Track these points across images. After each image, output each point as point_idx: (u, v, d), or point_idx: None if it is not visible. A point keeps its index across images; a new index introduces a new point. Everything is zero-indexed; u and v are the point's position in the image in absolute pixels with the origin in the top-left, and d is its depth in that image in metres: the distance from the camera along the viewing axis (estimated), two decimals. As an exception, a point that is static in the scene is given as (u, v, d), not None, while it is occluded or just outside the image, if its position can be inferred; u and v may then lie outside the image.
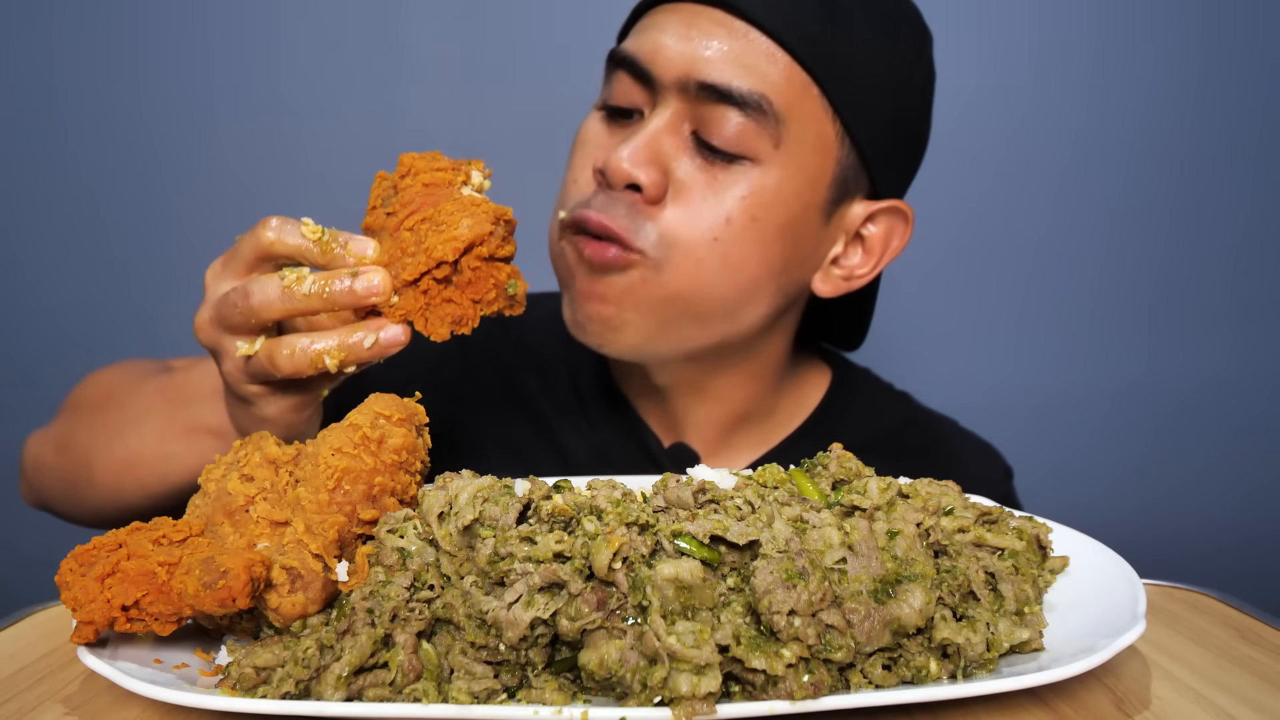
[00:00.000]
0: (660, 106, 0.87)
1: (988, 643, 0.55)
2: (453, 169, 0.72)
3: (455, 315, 0.68)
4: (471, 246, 0.66)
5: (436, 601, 0.56)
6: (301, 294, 0.67)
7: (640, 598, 0.51)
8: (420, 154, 0.73)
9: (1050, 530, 0.64)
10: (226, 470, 0.63)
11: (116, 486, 0.89)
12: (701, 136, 0.86)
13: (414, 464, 0.64)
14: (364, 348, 0.67)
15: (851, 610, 0.53)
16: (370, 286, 0.66)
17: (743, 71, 0.84)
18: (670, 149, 0.87)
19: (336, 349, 0.67)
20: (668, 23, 0.88)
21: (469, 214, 0.67)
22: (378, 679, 0.53)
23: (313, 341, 0.67)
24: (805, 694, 0.50)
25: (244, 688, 0.54)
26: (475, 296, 0.68)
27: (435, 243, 0.66)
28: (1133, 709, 0.54)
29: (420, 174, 0.71)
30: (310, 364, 0.67)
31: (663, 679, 0.49)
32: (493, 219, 0.67)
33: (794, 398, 1.07)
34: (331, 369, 0.68)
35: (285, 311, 0.67)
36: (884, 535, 0.57)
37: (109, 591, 0.55)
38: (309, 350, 0.67)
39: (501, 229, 0.68)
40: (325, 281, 0.67)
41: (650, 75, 0.87)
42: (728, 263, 0.87)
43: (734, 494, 0.59)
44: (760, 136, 0.86)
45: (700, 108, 0.86)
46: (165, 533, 0.58)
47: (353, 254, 0.68)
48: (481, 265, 0.67)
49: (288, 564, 0.56)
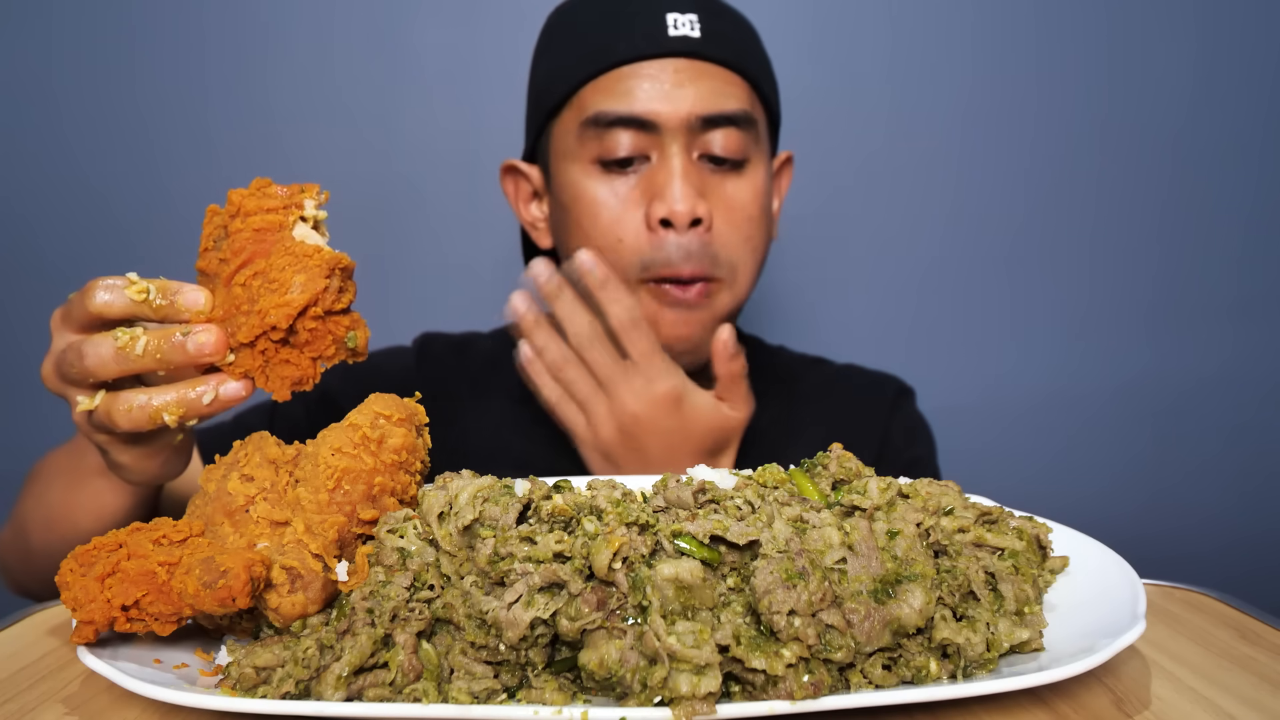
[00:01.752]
0: (669, 146, 1.04)
1: (988, 643, 0.55)
2: (283, 207, 0.67)
3: (295, 376, 0.66)
4: (306, 309, 0.63)
5: (436, 601, 0.56)
6: (135, 354, 0.64)
7: (640, 598, 0.51)
8: (249, 189, 0.68)
9: (1050, 530, 0.64)
10: (226, 470, 0.63)
11: (45, 548, 0.89)
12: (710, 155, 1.05)
13: (414, 464, 0.64)
14: (203, 403, 0.65)
15: (851, 610, 0.53)
16: (201, 347, 0.64)
17: (726, 97, 1.05)
18: (697, 178, 1.04)
19: (175, 404, 0.65)
20: (645, 79, 1.03)
21: (302, 269, 0.63)
22: (378, 679, 0.53)
23: (150, 397, 0.65)
24: (805, 694, 0.50)
25: (244, 688, 0.54)
26: (314, 354, 0.66)
27: (268, 306, 0.63)
28: (1133, 709, 0.54)
29: (250, 215, 0.67)
30: (149, 420, 0.65)
31: (663, 679, 0.49)
32: (326, 271, 0.64)
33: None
34: (171, 424, 0.65)
35: (121, 372, 0.65)
36: (884, 535, 0.57)
37: (109, 591, 0.55)
38: (147, 406, 0.65)
39: (337, 279, 0.65)
40: (159, 341, 0.64)
41: (655, 124, 1.03)
42: (757, 254, 1.10)
43: (734, 494, 0.59)
44: (749, 140, 1.07)
45: (700, 136, 1.04)
46: (165, 533, 0.58)
47: (184, 308, 0.65)
48: (318, 324, 0.64)
49: (288, 564, 0.56)
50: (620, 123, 1.03)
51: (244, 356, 0.65)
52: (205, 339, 0.64)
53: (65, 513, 0.87)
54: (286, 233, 0.66)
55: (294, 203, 0.68)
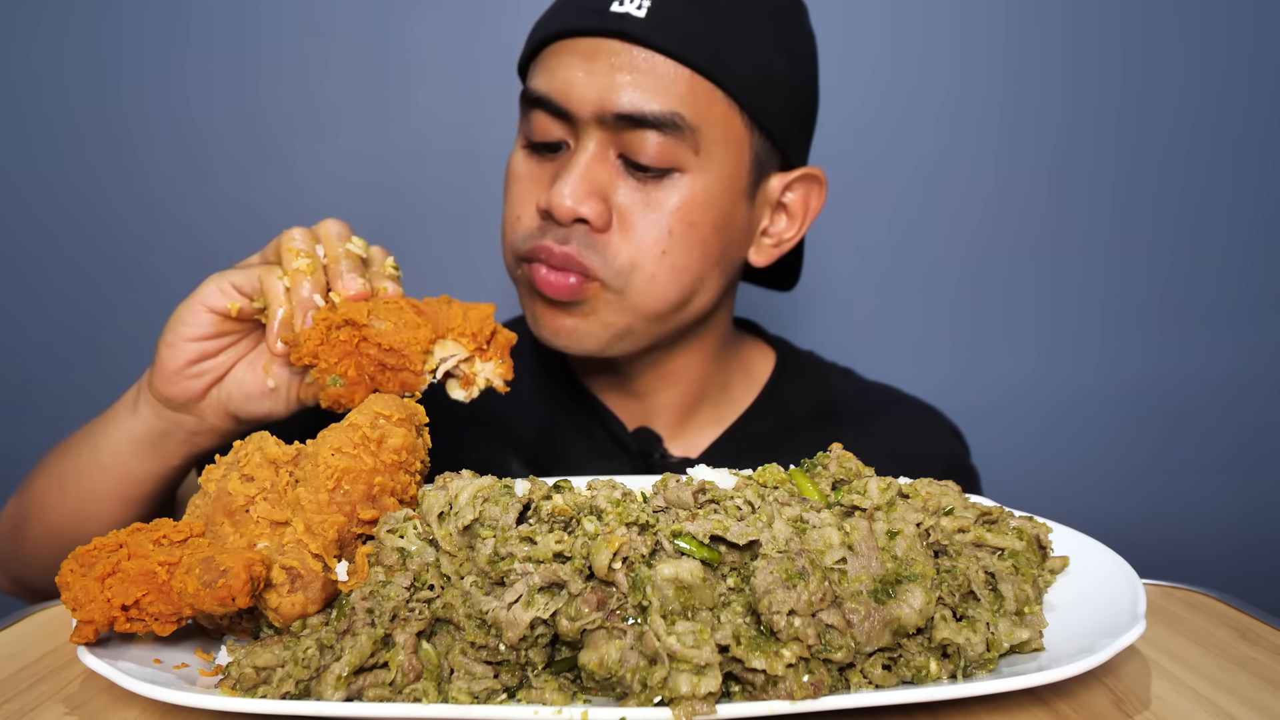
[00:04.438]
0: (584, 139, 0.93)
1: (988, 643, 0.55)
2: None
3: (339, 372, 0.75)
4: (382, 344, 0.74)
5: (436, 601, 0.56)
6: (313, 260, 0.78)
7: (640, 598, 0.51)
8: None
9: (1050, 530, 0.64)
10: (226, 470, 0.63)
11: (55, 519, 0.90)
12: (629, 158, 0.92)
13: (414, 464, 0.64)
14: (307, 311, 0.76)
15: (851, 610, 0.53)
16: (349, 285, 0.77)
17: (652, 95, 0.90)
18: (605, 177, 0.93)
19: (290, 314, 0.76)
20: (571, 60, 0.93)
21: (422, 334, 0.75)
22: (378, 679, 0.53)
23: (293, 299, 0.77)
24: (805, 694, 0.50)
25: (244, 688, 0.54)
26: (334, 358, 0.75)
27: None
28: (1133, 709, 0.54)
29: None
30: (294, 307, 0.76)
31: (663, 679, 0.49)
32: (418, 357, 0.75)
33: (744, 376, 1.15)
34: (268, 316, 0.77)
35: (299, 253, 0.78)
36: (884, 535, 0.57)
37: (109, 591, 0.55)
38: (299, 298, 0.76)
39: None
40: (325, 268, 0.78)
41: (568, 112, 0.93)
42: (676, 269, 0.95)
43: (734, 494, 0.59)
44: (681, 148, 0.92)
45: (621, 135, 0.92)
46: (166, 533, 0.58)
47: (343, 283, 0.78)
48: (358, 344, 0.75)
49: (288, 564, 0.56)
50: (539, 104, 0.95)
51: (316, 338, 0.75)
52: (354, 283, 0.76)
53: (88, 468, 0.88)
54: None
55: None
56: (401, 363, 0.74)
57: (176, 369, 0.80)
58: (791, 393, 1.14)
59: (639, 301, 0.95)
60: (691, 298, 0.98)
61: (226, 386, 0.82)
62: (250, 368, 0.82)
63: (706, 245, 0.96)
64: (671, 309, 0.97)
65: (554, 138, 0.95)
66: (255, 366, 0.82)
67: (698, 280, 0.97)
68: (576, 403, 1.10)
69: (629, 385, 1.08)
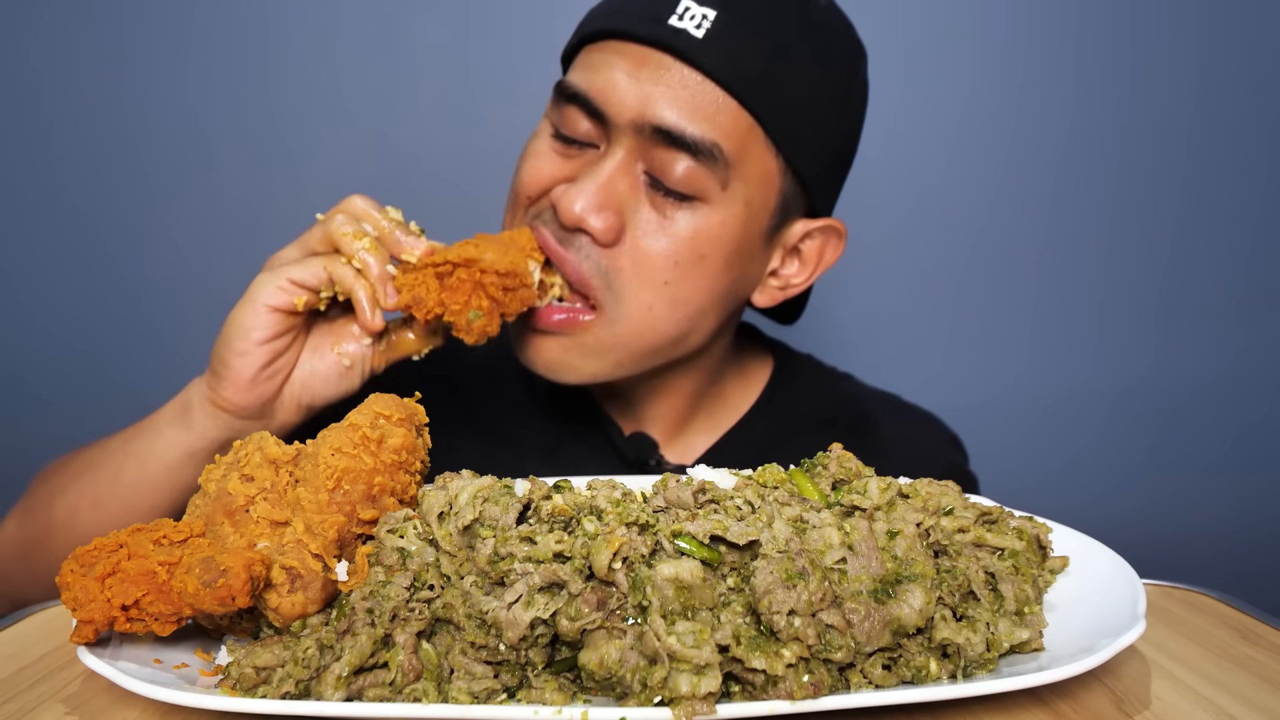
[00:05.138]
0: (614, 146, 0.90)
1: (988, 643, 0.55)
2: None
3: (418, 299, 0.83)
4: (487, 269, 0.83)
5: (436, 601, 0.56)
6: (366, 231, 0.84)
7: (640, 598, 0.51)
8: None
9: (1050, 530, 0.64)
10: (227, 470, 0.63)
11: (86, 530, 0.90)
12: (655, 176, 0.90)
13: (414, 464, 0.64)
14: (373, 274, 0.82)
15: (851, 610, 0.53)
16: (411, 245, 0.83)
17: (694, 117, 0.87)
18: (625, 190, 0.90)
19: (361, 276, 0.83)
20: (618, 61, 0.89)
21: (515, 254, 0.86)
22: (378, 679, 0.53)
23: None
24: (805, 694, 0.50)
25: (244, 688, 0.54)
26: (447, 294, 0.83)
27: (463, 252, 0.83)
28: (1133, 709, 0.54)
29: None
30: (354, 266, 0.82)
31: (663, 679, 0.49)
32: (523, 270, 0.86)
33: (741, 383, 1.12)
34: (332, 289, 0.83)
35: (359, 222, 0.84)
36: (884, 535, 0.57)
37: (109, 591, 0.55)
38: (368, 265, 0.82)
39: (527, 282, 0.87)
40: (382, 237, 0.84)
41: (604, 115, 0.90)
42: (676, 301, 0.92)
43: (734, 494, 0.59)
44: (710, 179, 0.89)
45: (652, 150, 0.89)
46: (166, 533, 0.58)
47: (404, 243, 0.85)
48: (471, 280, 0.83)
49: (288, 564, 0.56)
50: (576, 100, 0.91)
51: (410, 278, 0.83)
52: (418, 244, 0.83)
53: (133, 485, 0.88)
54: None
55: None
56: (517, 282, 0.83)
57: (252, 375, 0.81)
58: (789, 399, 1.12)
59: (630, 333, 0.92)
60: (687, 334, 0.95)
61: (299, 378, 0.84)
62: (318, 355, 0.85)
63: (712, 280, 0.93)
64: (666, 343, 0.95)
65: (583, 135, 0.92)
66: (323, 352, 0.85)
67: (696, 315, 0.94)
68: (573, 406, 1.09)
69: (624, 394, 1.07)
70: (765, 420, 1.10)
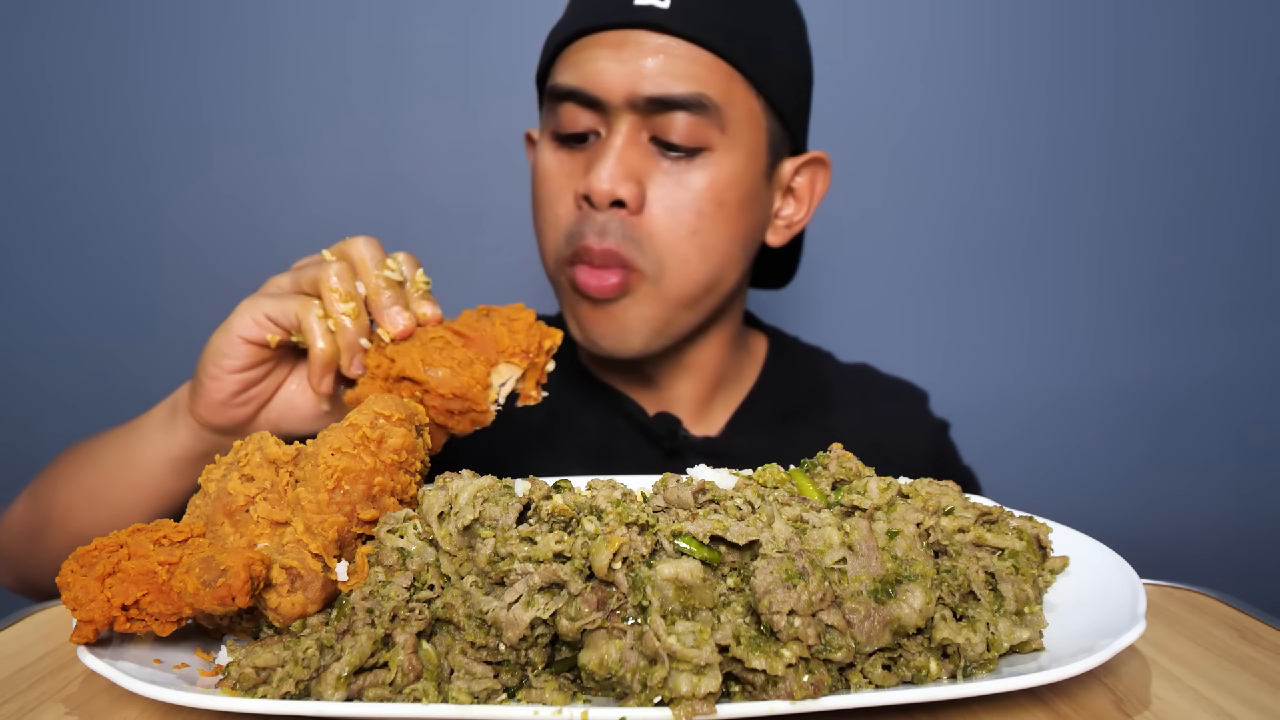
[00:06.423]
0: (616, 125, 0.97)
1: (988, 643, 0.55)
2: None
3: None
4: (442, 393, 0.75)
5: (436, 601, 0.56)
6: (354, 290, 0.78)
7: (640, 598, 0.51)
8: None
9: (1050, 530, 0.64)
10: (227, 470, 0.63)
11: (84, 526, 0.90)
12: (661, 139, 0.97)
13: (414, 464, 0.64)
14: (349, 333, 0.77)
15: (851, 610, 0.53)
16: (395, 318, 0.77)
17: (678, 78, 0.95)
18: (638, 159, 0.97)
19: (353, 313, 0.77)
20: (598, 52, 0.96)
21: (477, 367, 0.76)
22: (378, 679, 0.53)
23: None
24: (805, 694, 0.50)
25: (244, 688, 0.54)
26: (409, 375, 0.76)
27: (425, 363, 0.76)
28: (1133, 709, 0.54)
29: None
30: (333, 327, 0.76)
31: (663, 679, 0.49)
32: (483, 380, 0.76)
33: (748, 360, 1.20)
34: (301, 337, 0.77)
35: (346, 284, 0.78)
36: (884, 535, 0.57)
37: (109, 591, 0.55)
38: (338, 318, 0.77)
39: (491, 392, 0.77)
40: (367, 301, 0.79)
41: (599, 100, 0.96)
42: (706, 249, 0.99)
43: (734, 494, 0.59)
44: (709, 126, 0.96)
45: (651, 118, 0.96)
46: (166, 533, 0.58)
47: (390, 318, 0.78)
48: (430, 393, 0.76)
49: (287, 564, 0.56)
50: (570, 97, 0.97)
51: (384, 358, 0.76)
52: (400, 319, 0.77)
53: (121, 484, 0.87)
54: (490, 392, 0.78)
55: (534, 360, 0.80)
56: (467, 405, 0.75)
57: (223, 400, 0.80)
58: (787, 373, 1.19)
59: (672, 286, 0.99)
60: (720, 279, 1.02)
61: (277, 408, 0.82)
62: (300, 390, 0.83)
63: (733, 224, 1.00)
64: (703, 291, 1.01)
65: (583, 127, 0.98)
66: (304, 388, 0.82)
67: (726, 260, 1.01)
68: (597, 392, 1.12)
69: (649, 379, 1.11)
70: (769, 394, 1.16)
